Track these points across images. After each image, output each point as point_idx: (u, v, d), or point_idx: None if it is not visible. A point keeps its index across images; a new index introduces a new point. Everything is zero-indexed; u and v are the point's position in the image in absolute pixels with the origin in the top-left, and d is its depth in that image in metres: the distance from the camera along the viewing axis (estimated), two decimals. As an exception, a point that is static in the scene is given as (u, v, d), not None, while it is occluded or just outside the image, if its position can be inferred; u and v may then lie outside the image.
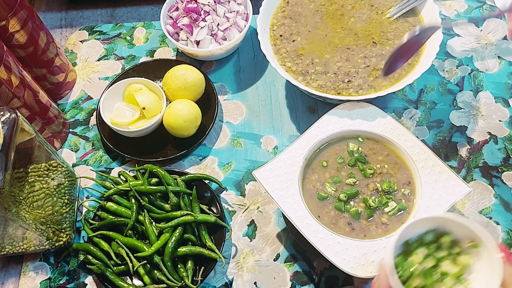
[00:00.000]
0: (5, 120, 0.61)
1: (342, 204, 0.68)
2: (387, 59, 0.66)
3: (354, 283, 0.73)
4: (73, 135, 0.90)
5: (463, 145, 0.83)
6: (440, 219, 0.52)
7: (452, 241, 0.52)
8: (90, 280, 0.76)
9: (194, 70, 0.86)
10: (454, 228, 0.52)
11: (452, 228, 0.52)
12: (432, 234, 0.53)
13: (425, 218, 0.52)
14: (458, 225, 0.51)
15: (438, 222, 0.53)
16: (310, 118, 0.87)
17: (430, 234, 0.53)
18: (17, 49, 0.80)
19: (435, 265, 0.51)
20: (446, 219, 0.52)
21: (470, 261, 0.51)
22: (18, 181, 0.65)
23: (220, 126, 0.89)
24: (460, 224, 0.51)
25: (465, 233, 0.51)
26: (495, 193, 0.79)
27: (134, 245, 0.72)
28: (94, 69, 0.98)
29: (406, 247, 0.54)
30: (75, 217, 0.79)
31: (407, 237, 0.54)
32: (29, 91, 0.77)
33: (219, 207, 0.77)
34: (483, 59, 0.93)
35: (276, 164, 0.70)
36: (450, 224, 0.52)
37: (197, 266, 0.73)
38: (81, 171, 0.85)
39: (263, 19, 0.85)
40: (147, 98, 0.83)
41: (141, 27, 1.03)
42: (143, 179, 0.76)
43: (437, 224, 0.53)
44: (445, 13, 0.99)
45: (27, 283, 0.76)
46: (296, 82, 0.78)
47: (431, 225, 0.54)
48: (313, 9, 0.88)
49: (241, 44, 0.98)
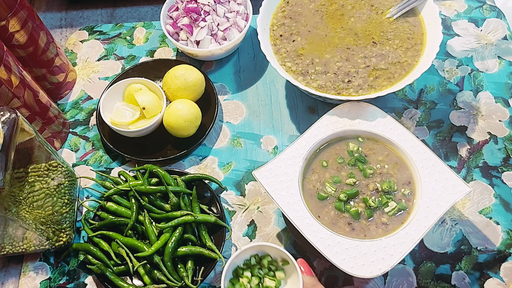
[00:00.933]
0: (5, 120, 0.61)
1: (342, 204, 0.68)
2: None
3: (354, 283, 0.73)
4: (73, 135, 0.90)
5: (463, 145, 0.83)
6: (260, 246, 0.68)
7: (269, 261, 0.68)
8: (90, 280, 0.76)
9: (194, 70, 0.86)
10: (270, 251, 0.68)
11: (269, 251, 0.68)
12: (255, 258, 0.69)
13: (250, 247, 0.67)
14: (272, 249, 0.67)
15: (259, 249, 0.69)
16: (310, 118, 0.87)
17: (253, 258, 0.69)
18: (17, 49, 0.80)
19: (259, 282, 0.67)
20: (264, 246, 0.68)
21: (283, 276, 0.67)
22: (18, 181, 0.65)
23: (220, 126, 0.89)
24: (273, 248, 0.67)
25: (278, 254, 0.68)
26: (495, 193, 0.79)
27: (134, 245, 0.72)
28: (94, 69, 0.98)
29: (236, 272, 0.68)
30: (75, 217, 0.79)
31: (236, 264, 0.68)
32: (29, 91, 0.77)
33: (219, 207, 0.77)
34: (483, 59, 0.93)
35: (276, 164, 0.70)
36: (267, 249, 0.68)
37: (197, 266, 0.73)
38: (81, 171, 0.85)
39: (263, 19, 0.85)
40: (147, 98, 0.83)
41: (141, 27, 1.03)
42: (143, 179, 0.76)
43: (258, 250, 0.69)
44: (445, 13, 0.99)
45: (27, 283, 0.76)
46: (296, 82, 0.78)
47: (254, 251, 0.69)
48: (313, 9, 0.88)
49: (241, 44, 0.98)
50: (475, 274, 0.73)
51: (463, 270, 0.73)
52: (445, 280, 0.72)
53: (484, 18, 0.98)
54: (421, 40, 0.82)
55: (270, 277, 0.67)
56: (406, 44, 0.82)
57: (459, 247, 0.75)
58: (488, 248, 0.74)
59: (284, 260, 0.67)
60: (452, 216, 0.77)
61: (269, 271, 0.68)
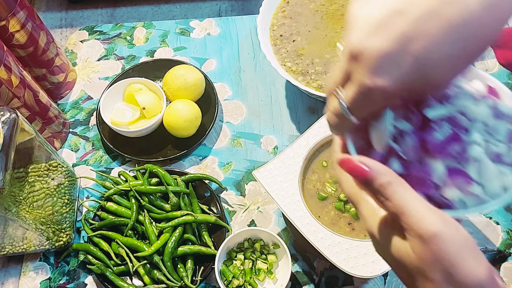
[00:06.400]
0: (5, 120, 0.61)
1: (342, 204, 0.68)
2: None
3: (354, 283, 0.73)
4: (73, 135, 0.90)
5: (463, 145, 0.83)
6: (253, 230, 0.72)
7: (262, 245, 0.73)
8: (90, 280, 0.76)
9: (194, 70, 0.86)
10: (262, 236, 0.73)
11: (262, 236, 0.73)
12: (248, 242, 0.73)
13: (243, 231, 0.71)
14: (264, 233, 0.71)
15: (252, 233, 0.72)
16: (310, 118, 0.87)
17: (246, 242, 0.73)
18: (17, 49, 0.80)
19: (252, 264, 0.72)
20: (257, 230, 0.72)
21: (275, 259, 0.72)
22: (18, 181, 0.65)
23: (220, 126, 0.89)
24: (266, 232, 0.71)
25: (270, 238, 0.72)
26: (495, 193, 0.78)
27: (134, 245, 0.72)
28: (94, 69, 0.98)
29: (229, 254, 0.73)
30: (75, 217, 0.79)
31: (230, 247, 0.73)
32: (29, 91, 0.77)
33: (219, 207, 0.77)
34: (483, 59, 0.92)
35: (276, 164, 0.70)
36: (259, 233, 0.72)
37: (197, 266, 0.73)
38: (81, 171, 0.85)
39: (263, 19, 0.85)
40: (147, 98, 0.83)
41: (141, 27, 1.03)
42: (143, 179, 0.76)
43: (251, 234, 0.73)
44: (445, 13, 0.99)
45: (27, 283, 0.76)
46: (296, 82, 0.78)
47: (248, 235, 0.73)
48: (313, 9, 0.88)
49: (241, 44, 0.98)
50: (475, 274, 0.72)
51: (463, 270, 0.73)
52: (445, 280, 0.72)
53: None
54: (421, 40, 0.82)
55: (262, 260, 0.72)
56: (406, 44, 0.82)
57: (459, 247, 0.74)
58: (488, 248, 0.74)
59: (275, 244, 0.72)
60: (452, 216, 0.77)
61: (261, 255, 0.73)
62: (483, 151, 0.36)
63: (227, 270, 0.70)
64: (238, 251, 0.73)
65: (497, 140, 0.37)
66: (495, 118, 0.38)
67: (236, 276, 0.70)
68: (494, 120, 0.37)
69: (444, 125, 0.36)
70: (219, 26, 1.01)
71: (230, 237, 0.70)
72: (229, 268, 0.71)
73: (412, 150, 0.36)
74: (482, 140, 0.36)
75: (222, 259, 0.71)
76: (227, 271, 0.70)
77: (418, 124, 0.36)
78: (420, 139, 0.36)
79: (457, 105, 0.37)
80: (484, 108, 0.37)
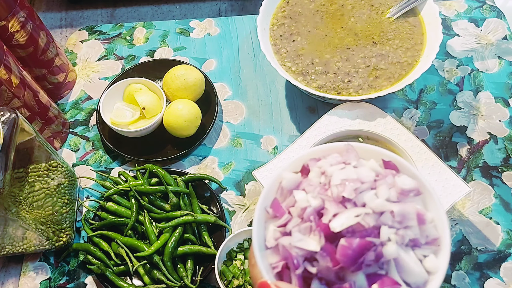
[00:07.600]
0: (5, 120, 0.61)
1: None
2: None
3: (354, 283, 0.73)
4: (73, 135, 0.90)
5: (463, 145, 0.83)
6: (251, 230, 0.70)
7: None
8: (90, 280, 0.76)
9: (194, 70, 0.86)
10: None
11: None
12: (248, 242, 0.72)
13: (243, 231, 0.70)
14: None
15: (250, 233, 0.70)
16: (310, 118, 0.87)
17: (246, 242, 0.73)
18: (17, 49, 0.80)
19: None
20: None
21: None
22: (18, 181, 0.65)
23: (220, 126, 0.89)
24: None
25: None
26: (495, 193, 0.79)
27: (134, 245, 0.72)
28: (94, 69, 0.98)
29: (229, 254, 0.72)
30: (75, 217, 0.79)
31: (230, 247, 0.72)
32: (29, 91, 0.77)
33: (219, 207, 0.77)
34: (483, 59, 0.93)
35: (276, 164, 0.70)
36: None
37: (197, 266, 0.73)
38: (81, 171, 0.85)
39: (263, 19, 0.85)
40: (147, 98, 0.83)
41: (141, 27, 1.03)
42: (143, 179, 0.76)
43: (251, 234, 0.70)
44: (445, 13, 0.99)
45: (27, 283, 0.76)
46: (296, 82, 0.78)
47: (247, 235, 0.72)
48: (313, 9, 0.88)
49: (241, 44, 0.98)
50: (475, 274, 0.73)
51: (463, 270, 0.73)
52: (445, 280, 0.72)
53: (484, 18, 0.98)
54: (421, 40, 0.82)
55: None
56: (406, 44, 0.82)
57: (459, 247, 0.75)
58: (488, 248, 0.74)
59: None
60: (452, 216, 0.77)
61: None
62: (397, 245, 0.36)
63: (227, 270, 0.70)
64: (238, 251, 0.73)
65: (408, 226, 0.37)
66: (399, 201, 0.38)
67: (236, 276, 0.70)
68: (399, 205, 0.37)
69: (352, 236, 0.36)
70: (219, 26, 1.01)
71: (230, 237, 0.70)
72: (229, 268, 0.71)
73: (327, 270, 0.36)
74: (393, 234, 0.36)
75: (222, 259, 0.71)
76: (227, 271, 0.70)
77: (327, 246, 0.37)
78: (332, 258, 0.36)
79: (359, 202, 0.37)
80: (385, 191, 0.37)
